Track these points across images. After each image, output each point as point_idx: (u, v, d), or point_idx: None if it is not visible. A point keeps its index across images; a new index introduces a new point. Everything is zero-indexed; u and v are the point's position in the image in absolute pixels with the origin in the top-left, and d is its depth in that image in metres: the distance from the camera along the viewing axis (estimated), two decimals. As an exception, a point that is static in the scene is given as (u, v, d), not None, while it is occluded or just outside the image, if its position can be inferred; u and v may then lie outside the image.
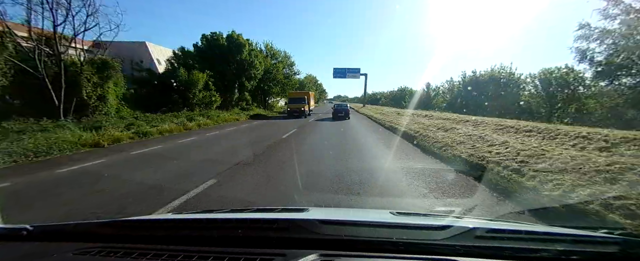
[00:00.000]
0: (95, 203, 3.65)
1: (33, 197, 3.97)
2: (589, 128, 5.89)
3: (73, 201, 3.74)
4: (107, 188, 4.24)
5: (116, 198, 3.76)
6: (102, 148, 7.98)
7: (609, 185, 3.23)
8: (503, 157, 5.04)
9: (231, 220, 1.29)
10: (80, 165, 5.85)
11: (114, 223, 1.21)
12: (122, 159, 6.55)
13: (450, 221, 1.17)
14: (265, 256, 0.90)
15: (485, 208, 3.41)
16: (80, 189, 4.27)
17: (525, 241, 0.96)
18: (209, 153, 7.25)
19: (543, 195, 3.37)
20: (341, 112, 20.65)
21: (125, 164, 6.05)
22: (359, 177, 4.59)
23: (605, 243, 0.99)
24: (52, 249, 1.03)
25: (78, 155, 7.04)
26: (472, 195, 3.87)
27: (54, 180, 4.78)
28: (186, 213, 1.59)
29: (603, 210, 2.75)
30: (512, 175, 4.15)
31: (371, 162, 6.01)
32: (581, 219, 2.75)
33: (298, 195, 3.78)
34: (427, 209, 3.34)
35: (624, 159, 3.88)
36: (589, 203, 2.91)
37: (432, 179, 4.58)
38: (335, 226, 1.06)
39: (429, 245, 0.95)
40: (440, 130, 9.62)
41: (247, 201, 3.72)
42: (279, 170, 5.21)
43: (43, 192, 4.19)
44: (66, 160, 6.42)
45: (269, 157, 6.43)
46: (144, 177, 4.91)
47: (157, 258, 0.93)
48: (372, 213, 2.05)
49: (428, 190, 4.01)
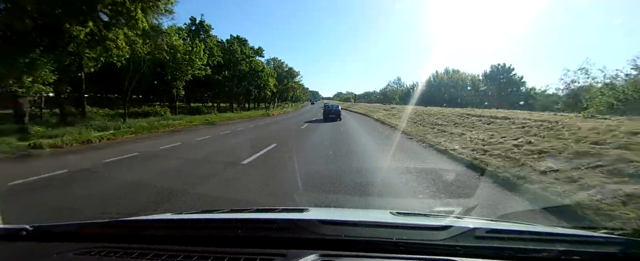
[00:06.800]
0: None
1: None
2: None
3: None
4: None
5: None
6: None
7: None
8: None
9: (231, 220, 1.29)
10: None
11: (114, 223, 1.21)
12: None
13: (451, 221, 1.17)
14: (265, 257, 0.90)
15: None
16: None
17: (526, 242, 0.96)
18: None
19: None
20: (332, 112, 20.58)
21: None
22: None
23: (605, 243, 0.99)
24: (52, 249, 1.02)
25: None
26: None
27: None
28: (186, 213, 1.59)
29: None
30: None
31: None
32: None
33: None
34: (427, 209, 3.35)
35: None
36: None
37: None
38: (336, 227, 1.06)
39: (430, 245, 0.95)
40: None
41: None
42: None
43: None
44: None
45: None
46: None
47: (157, 258, 0.93)
48: (373, 213, 2.05)
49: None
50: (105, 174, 5.13)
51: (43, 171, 5.02)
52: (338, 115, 20.39)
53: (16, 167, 6.04)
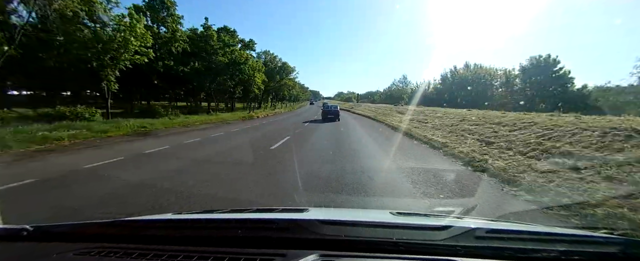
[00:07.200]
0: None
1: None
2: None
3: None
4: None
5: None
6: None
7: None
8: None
9: (231, 220, 1.29)
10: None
11: (113, 223, 1.21)
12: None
13: (451, 221, 1.17)
14: (265, 257, 0.90)
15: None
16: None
17: (526, 242, 0.96)
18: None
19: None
20: (331, 113, 21.05)
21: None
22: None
23: (605, 243, 0.99)
24: (52, 249, 1.02)
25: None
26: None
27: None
28: (186, 213, 1.59)
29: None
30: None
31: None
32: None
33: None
34: (427, 208, 3.35)
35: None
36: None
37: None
38: (335, 227, 1.06)
39: (430, 245, 0.95)
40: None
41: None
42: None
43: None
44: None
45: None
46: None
47: (157, 258, 0.93)
48: (373, 213, 2.05)
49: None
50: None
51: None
52: (337, 115, 20.96)
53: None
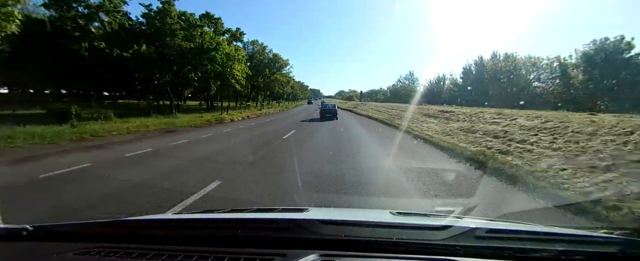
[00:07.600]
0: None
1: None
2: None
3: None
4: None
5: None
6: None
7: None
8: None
9: (231, 220, 1.29)
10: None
11: (114, 223, 1.21)
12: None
13: (451, 221, 1.17)
14: (265, 256, 0.90)
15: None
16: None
17: (526, 242, 0.96)
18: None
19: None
20: (329, 112, 21.12)
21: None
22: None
23: (605, 243, 0.99)
24: (52, 249, 1.02)
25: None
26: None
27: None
28: (186, 213, 1.59)
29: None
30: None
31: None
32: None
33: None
34: (427, 209, 3.34)
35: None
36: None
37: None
38: (335, 227, 1.06)
39: (430, 245, 0.95)
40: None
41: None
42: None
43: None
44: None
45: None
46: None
47: (157, 258, 0.93)
48: (372, 213, 2.05)
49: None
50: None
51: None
52: (335, 114, 21.22)
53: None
